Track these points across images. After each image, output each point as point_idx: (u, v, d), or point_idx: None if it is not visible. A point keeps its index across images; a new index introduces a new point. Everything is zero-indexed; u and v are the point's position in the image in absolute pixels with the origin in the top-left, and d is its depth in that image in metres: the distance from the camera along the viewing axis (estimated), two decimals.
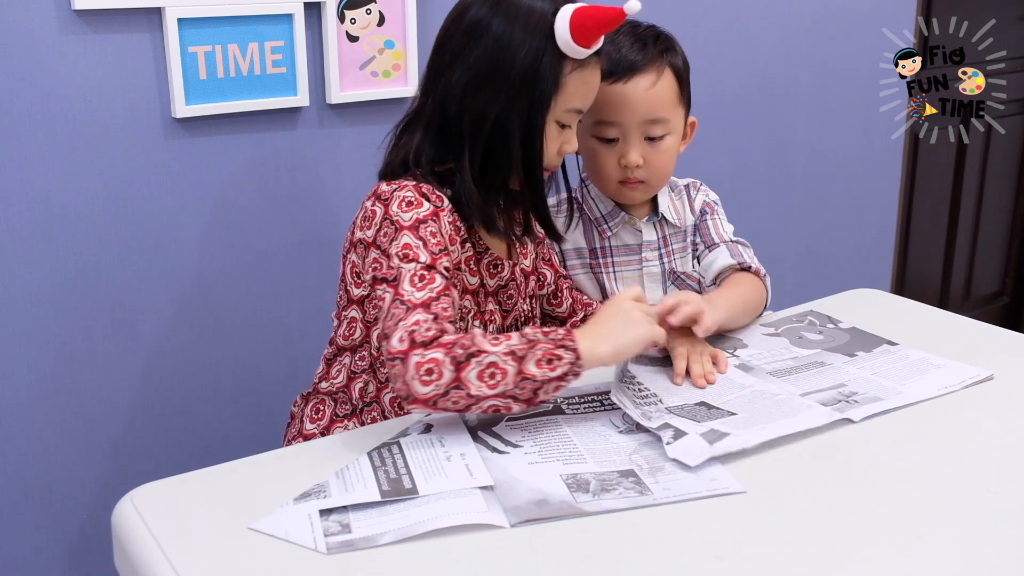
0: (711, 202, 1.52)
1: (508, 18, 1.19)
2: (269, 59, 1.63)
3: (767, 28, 2.30)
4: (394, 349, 1.05)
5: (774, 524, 0.93)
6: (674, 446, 1.03)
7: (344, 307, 1.27)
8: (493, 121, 1.20)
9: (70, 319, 1.57)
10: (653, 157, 1.40)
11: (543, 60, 1.18)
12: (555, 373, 1.05)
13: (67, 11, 1.47)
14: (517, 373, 1.04)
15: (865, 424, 1.11)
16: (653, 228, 1.48)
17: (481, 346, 1.04)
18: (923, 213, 2.97)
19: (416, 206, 1.17)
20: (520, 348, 1.05)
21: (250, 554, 0.89)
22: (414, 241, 1.15)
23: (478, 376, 1.03)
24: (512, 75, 1.18)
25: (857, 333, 1.37)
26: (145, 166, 1.58)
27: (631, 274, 1.48)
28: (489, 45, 1.19)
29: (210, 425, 1.74)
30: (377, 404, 1.27)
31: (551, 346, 1.06)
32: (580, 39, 1.18)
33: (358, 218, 1.23)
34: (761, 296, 1.42)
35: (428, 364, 1.03)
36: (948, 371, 1.24)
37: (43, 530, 1.62)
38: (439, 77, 1.23)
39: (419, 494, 0.96)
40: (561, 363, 1.06)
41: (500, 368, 1.04)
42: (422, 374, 1.03)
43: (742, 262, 1.43)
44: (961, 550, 0.90)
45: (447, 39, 1.24)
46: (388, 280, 1.13)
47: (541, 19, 1.19)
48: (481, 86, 1.19)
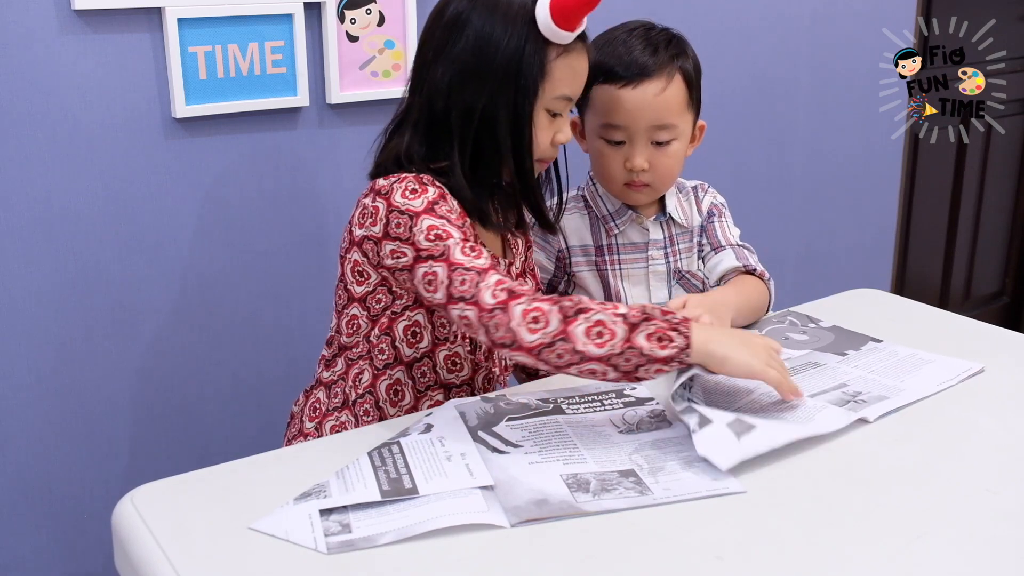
0: (719, 204, 1.53)
1: (488, 9, 1.19)
2: (269, 59, 1.63)
3: (767, 28, 2.30)
4: (489, 303, 1.06)
5: (774, 524, 0.93)
6: (701, 437, 1.02)
7: (344, 306, 1.27)
8: (480, 114, 1.20)
9: (70, 319, 1.57)
10: (659, 161, 1.41)
11: (526, 48, 1.18)
12: (663, 352, 1.04)
13: (67, 11, 1.47)
14: (625, 340, 1.03)
15: (865, 424, 1.11)
16: (660, 227, 1.49)
17: (589, 305, 1.05)
18: (923, 213, 2.97)
19: (422, 192, 1.17)
20: (633, 316, 1.04)
21: (250, 554, 0.89)
22: (437, 221, 1.14)
23: (585, 332, 1.03)
24: (496, 66, 1.18)
25: (840, 331, 1.38)
26: (145, 166, 1.58)
27: (637, 272, 1.49)
28: (471, 38, 1.19)
29: (210, 425, 1.74)
30: (371, 395, 1.26)
31: (666, 326, 1.05)
32: (562, 22, 1.18)
33: (355, 216, 1.23)
34: (764, 299, 1.43)
35: (534, 312, 1.04)
36: (940, 365, 1.25)
37: (43, 530, 1.62)
38: (424, 74, 1.23)
39: (419, 494, 0.96)
40: (671, 345, 1.04)
41: (609, 328, 1.03)
42: (528, 321, 1.03)
43: (747, 265, 1.44)
44: (961, 550, 0.90)
45: (429, 36, 1.24)
46: (435, 256, 1.12)
47: (521, 7, 1.19)
48: (466, 80, 1.19)
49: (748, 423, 1.05)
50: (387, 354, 1.25)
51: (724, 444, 1.01)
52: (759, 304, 1.41)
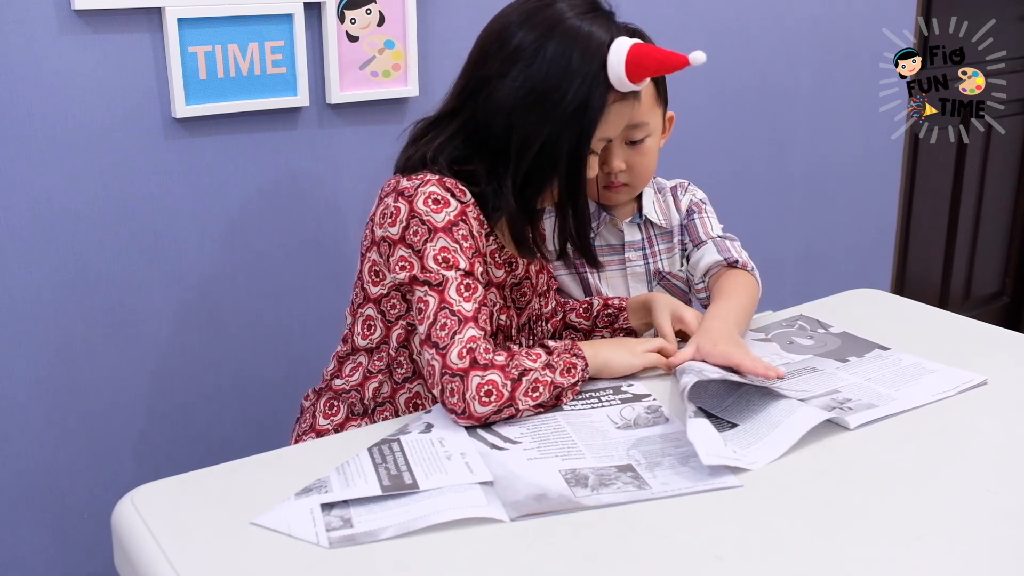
0: (698, 201, 1.53)
1: (566, 42, 1.18)
2: (269, 59, 1.64)
3: (767, 28, 2.30)
4: (454, 366, 1.10)
5: (774, 523, 0.93)
6: (693, 425, 1.03)
7: (360, 304, 1.27)
8: (542, 144, 1.19)
9: (70, 319, 1.57)
10: (635, 160, 1.42)
11: (595, 90, 1.18)
12: (573, 380, 1.16)
13: (67, 11, 1.47)
14: (551, 384, 1.14)
15: (865, 425, 1.11)
16: (637, 229, 1.50)
17: (526, 364, 1.13)
18: (923, 213, 2.97)
19: (444, 204, 1.17)
20: (553, 361, 1.15)
21: (250, 554, 0.89)
22: (451, 244, 1.16)
23: (525, 393, 1.12)
24: (567, 101, 1.18)
25: (848, 338, 1.36)
26: (145, 166, 1.58)
27: (615, 274, 1.49)
28: (544, 66, 1.18)
29: (210, 425, 1.74)
30: (391, 404, 1.27)
31: (568, 355, 1.17)
32: (633, 75, 1.18)
33: (376, 214, 1.23)
34: (755, 291, 1.42)
35: (487, 386, 1.09)
36: (941, 376, 1.23)
37: (43, 530, 1.62)
38: (482, 87, 1.21)
39: (420, 489, 0.96)
40: (576, 369, 1.17)
41: (541, 382, 1.13)
42: (482, 395, 1.09)
43: (728, 257, 1.44)
44: (961, 550, 0.90)
45: (494, 50, 1.22)
46: (432, 284, 1.15)
47: (599, 48, 1.18)
48: (532, 107, 1.18)
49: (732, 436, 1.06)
50: (405, 367, 1.25)
51: (712, 439, 1.03)
52: (750, 302, 1.39)
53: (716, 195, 1.58)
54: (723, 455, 1.01)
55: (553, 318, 1.45)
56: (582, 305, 1.46)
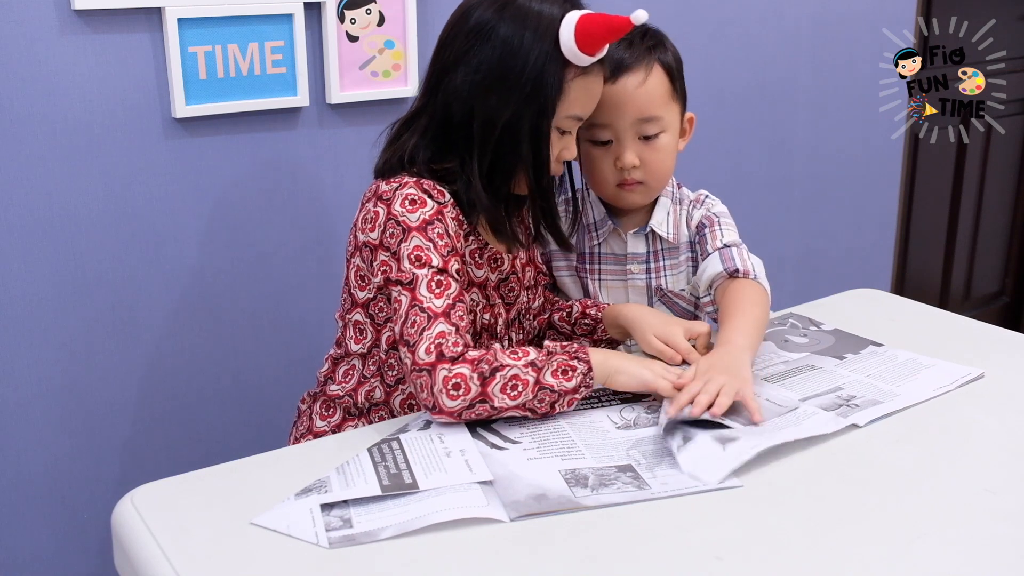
0: (711, 215, 1.43)
1: (517, 21, 1.18)
2: (269, 59, 1.64)
3: (767, 28, 2.30)
4: (421, 361, 1.09)
5: (774, 524, 0.93)
6: (684, 456, 1.02)
7: (348, 310, 1.27)
8: (503, 126, 1.19)
9: (70, 319, 1.57)
10: (649, 156, 1.36)
11: (547, 66, 1.17)
12: (570, 384, 1.11)
13: (67, 11, 1.47)
14: (536, 384, 1.09)
15: (856, 428, 1.11)
16: (642, 241, 1.44)
17: (503, 360, 1.09)
18: (923, 213, 2.97)
19: (420, 205, 1.17)
20: (540, 360, 1.11)
21: (250, 554, 0.89)
22: (424, 243, 1.16)
23: (501, 389, 1.08)
24: (523, 80, 1.17)
25: (841, 335, 1.37)
26: (145, 166, 1.58)
27: (616, 284, 1.45)
28: (497, 48, 1.18)
29: (210, 425, 1.74)
30: (386, 406, 1.27)
31: (567, 357, 1.12)
32: (584, 46, 1.17)
33: (359, 220, 1.23)
34: (762, 300, 1.33)
35: (455, 379, 1.07)
36: (939, 371, 1.24)
37: (43, 530, 1.62)
38: (442, 78, 1.22)
39: (419, 489, 0.96)
40: (575, 373, 1.11)
41: (521, 379, 1.09)
42: (449, 388, 1.07)
43: (729, 267, 1.35)
44: (961, 550, 0.90)
45: (451, 40, 1.22)
46: (403, 283, 1.14)
47: (550, 24, 1.17)
48: (490, 90, 1.18)
49: (731, 436, 1.05)
50: (397, 369, 1.25)
51: (710, 459, 1.01)
52: (759, 314, 1.31)
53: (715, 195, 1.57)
54: (725, 465, 1.00)
55: (540, 315, 1.45)
56: (566, 308, 1.44)
